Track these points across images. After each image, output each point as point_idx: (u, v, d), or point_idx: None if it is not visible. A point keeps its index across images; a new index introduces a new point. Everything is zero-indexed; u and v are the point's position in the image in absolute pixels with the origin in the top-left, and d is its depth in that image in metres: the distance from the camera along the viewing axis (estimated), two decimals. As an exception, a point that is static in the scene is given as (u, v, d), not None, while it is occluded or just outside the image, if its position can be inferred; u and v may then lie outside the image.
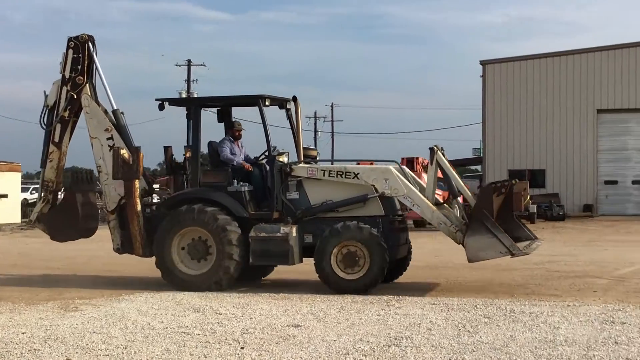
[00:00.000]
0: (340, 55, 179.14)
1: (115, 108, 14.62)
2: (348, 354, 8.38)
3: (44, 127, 14.60)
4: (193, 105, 14.25)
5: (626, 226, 32.87)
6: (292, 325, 10.06)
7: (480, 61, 44.53)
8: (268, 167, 13.97)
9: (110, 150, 14.25)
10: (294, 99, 14.23)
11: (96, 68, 14.62)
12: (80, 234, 14.91)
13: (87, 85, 14.53)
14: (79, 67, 14.48)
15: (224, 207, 13.58)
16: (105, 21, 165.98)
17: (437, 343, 8.91)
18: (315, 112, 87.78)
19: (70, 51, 14.50)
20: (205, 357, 8.34)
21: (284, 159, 13.77)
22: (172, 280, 13.65)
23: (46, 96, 14.64)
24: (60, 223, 14.69)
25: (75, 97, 14.47)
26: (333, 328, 9.89)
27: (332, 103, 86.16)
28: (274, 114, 14.52)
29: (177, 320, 10.56)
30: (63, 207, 14.79)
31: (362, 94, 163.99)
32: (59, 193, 15.05)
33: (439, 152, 13.54)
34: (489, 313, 10.90)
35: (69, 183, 15.21)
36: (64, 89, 14.51)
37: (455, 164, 14.23)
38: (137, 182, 13.91)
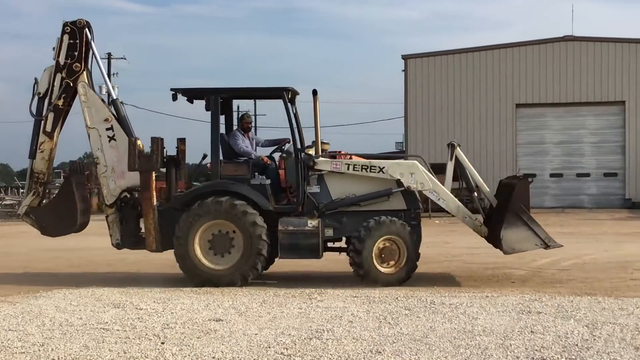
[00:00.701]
0: (261, 48, 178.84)
1: (115, 97, 14.16)
2: (269, 348, 8.38)
3: (35, 116, 13.84)
4: (213, 96, 13.65)
5: (544, 218, 33.46)
6: (214, 320, 10.02)
7: (402, 55, 44.87)
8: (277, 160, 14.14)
9: (110, 141, 13.74)
10: (314, 92, 13.86)
11: (94, 55, 14.02)
12: (76, 228, 14.27)
13: (84, 72, 13.88)
14: (76, 53, 13.79)
15: (251, 200, 13.34)
16: (20, 12, 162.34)
17: (358, 335, 8.97)
18: (237, 107, 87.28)
19: (66, 36, 13.78)
20: (125, 352, 8.24)
21: (312, 152, 13.80)
22: (194, 275, 13.25)
23: (37, 83, 13.89)
24: (55, 216, 14.02)
25: (71, 84, 13.80)
26: (255, 322, 9.88)
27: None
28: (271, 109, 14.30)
29: (97, 316, 10.40)
30: (60, 200, 14.17)
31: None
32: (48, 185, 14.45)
33: (458, 147, 14.01)
34: (410, 305, 11.02)
35: (67, 174, 14.62)
36: (58, 75, 13.79)
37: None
38: (154, 174, 13.47)
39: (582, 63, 42.74)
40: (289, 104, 13.61)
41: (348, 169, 13.64)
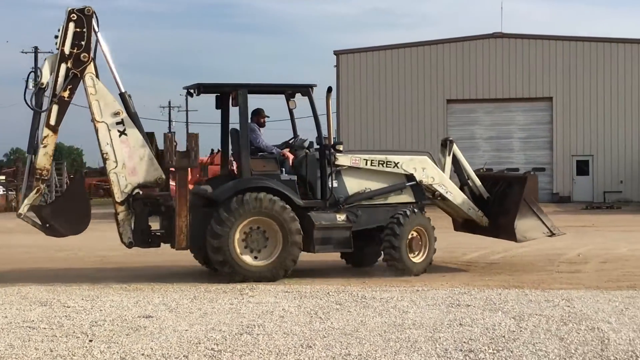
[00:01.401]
0: (196, 44, 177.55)
1: (123, 91, 13.47)
2: (200, 343, 8.33)
3: (36, 108, 12.95)
4: (242, 91, 13.53)
5: (474, 213, 34.01)
6: (143, 316, 9.91)
7: (334, 51, 45.01)
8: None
9: (120, 135, 13.13)
10: (329, 90, 14.07)
11: (100, 46, 13.28)
12: (84, 227, 13.45)
13: (92, 63, 13.16)
14: (83, 42, 13.04)
15: (284, 196, 13.28)
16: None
17: (289, 330, 8.97)
18: (169, 102, 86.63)
19: (72, 24, 13.01)
20: (52, 351, 8.09)
21: (340, 148, 13.96)
22: (234, 272, 12.98)
23: (39, 73, 13.05)
24: (66, 215, 13.12)
25: (78, 75, 13.05)
26: (185, 318, 9.80)
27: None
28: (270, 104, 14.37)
29: (22, 314, 10.20)
30: (72, 198, 13.38)
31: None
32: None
33: (454, 144, 15.04)
34: (341, 299, 11.06)
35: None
36: (63, 66, 12.98)
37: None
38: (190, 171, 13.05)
39: (511, 60, 43.45)
40: (314, 100, 13.82)
41: (366, 164, 14.12)
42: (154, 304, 10.84)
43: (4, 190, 48.67)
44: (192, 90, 13.94)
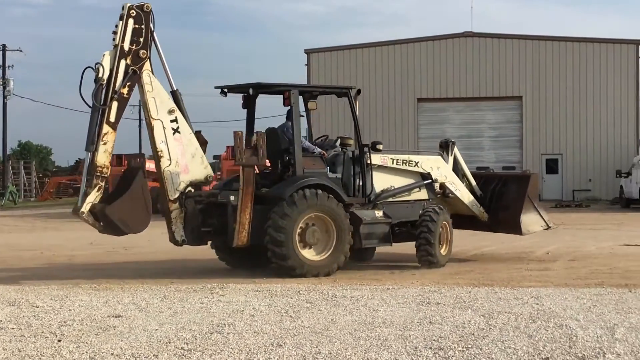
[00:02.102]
0: (165, 42, 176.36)
1: (175, 88, 13.48)
2: (170, 343, 8.29)
3: (98, 104, 12.69)
4: (293, 91, 13.83)
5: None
6: (113, 316, 9.85)
7: (305, 50, 45.02)
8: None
9: (174, 133, 13.15)
10: (358, 91, 14.70)
11: (154, 43, 13.26)
12: (145, 226, 13.14)
13: (148, 60, 13.12)
14: (141, 39, 13.00)
15: (335, 193, 13.66)
16: None
17: (260, 329, 8.96)
18: (139, 101, 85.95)
19: (131, 20, 12.94)
20: (20, 351, 8.02)
21: (381, 147, 14.49)
22: (293, 267, 13.16)
23: (101, 69, 12.77)
24: (131, 212, 12.84)
25: (136, 72, 12.98)
26: (155, 317, 9.76)
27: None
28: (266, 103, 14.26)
29: (-10, 314, 10.10)
30: (136, 193, 12.93)
31: (186, 83, 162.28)
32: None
33: (455, 145, 16.06)
34: (312, 298, 11.06)
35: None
36: (123, 62, 12.88)
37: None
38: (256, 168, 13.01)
39: (481, 59, 43.68)
40: (353, 102, 14.37)
41: (392, 163, 14.91)
42: (123, 304, 10.78)
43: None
44: (225, 90, 14.21)
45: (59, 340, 8.49)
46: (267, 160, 14.12)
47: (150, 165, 28.73)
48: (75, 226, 29.34)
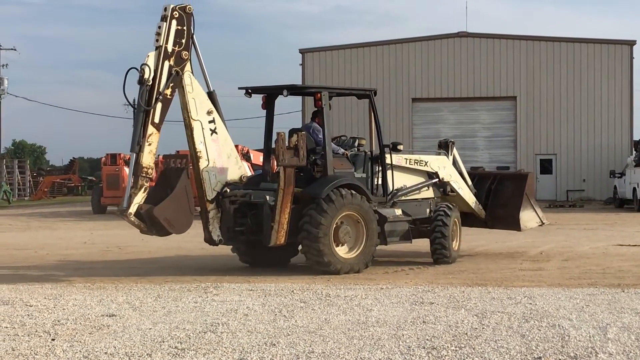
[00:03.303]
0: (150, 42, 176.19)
1: (212, 90, 13.62)
2: (163, 342, 8.30)
3: (145, 106, 12.77)
4: (324, 93, 14.07)
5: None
6: (107, 315, 9.86)
7: (300, 49, 45.06)
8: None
9: (212, 134, 13.33)
10: (375, 93, 15.22)
11: (194, 44, 13.37)
12: (188, 227, 13.20)
13: (189, 62, 13.24)
14: (183, 41, 13.11)
15: (364, 192, 14.01)
16: None
17: (253, 328, 8.97)
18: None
19: (174, 22, 13.05)
20: (14, 350, 8.03)
21: (401, 147, 14.86)
22: (328, 264, 13.39)
23: (147, 70, 12.80)
24: (176, 212, 12.87)
25: (179, 73, 13.07)
26: (149, 316, 9.76)
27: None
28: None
29: (-16, 313, 10.10)
30: (181, 193, 12.96)
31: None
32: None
33: (454, 145, 16.60)
34: (305, 298, 11.08)
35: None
36: (166, 63, 12.96)
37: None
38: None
39: (476, 59, 43.74)
40: (374, 104, 14.85)
41: (405, 162, 15.31)
42: (117, 303, 10.78)
43: None
44: (249, 90, 14.33)
45: (53, 339, 8.49)
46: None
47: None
48: (70, 225, 29.34)
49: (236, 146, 32.33)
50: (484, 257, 16.45)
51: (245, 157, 30.02)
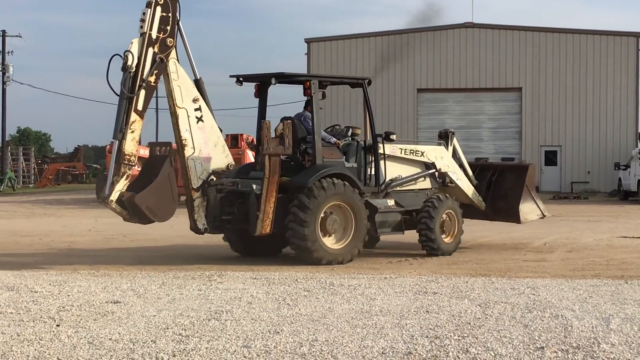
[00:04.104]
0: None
1: (198, 77, 13.54)
2: (167, 329, 8.34)
3: (127, 93, 12.63)
4: (313, 81, 13.96)
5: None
6: (111, 302, 9.90)
7: (305, 39, 44.99)
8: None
9: (197, 122, 13.22)
10: (369, 82, 14.97)
11: (180, 31, 13.28)
12: (171, 214, 13.12)
13: (174, 49, 13.14)
14: (168, 27, 13.01)
15: (354, 182, 13.86)
16: None
17: (257, 316, 9.01)
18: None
19: (159, 8, 12.95)
20: (18, 335, 8.07)
21: (394, 137, 14.68)
22: (314, 255, 13.29)
23: (129, 57, 12.69)
24: (158, 199, 12.76)
25: (163, 60, 12.98)
26: (153, 304, 9.81)
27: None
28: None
29: (-11, 299, 10.15)
30: (164, 181, 12.87)
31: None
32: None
33: (454, 135, 16.33)
34: (309, 286, 11.11)
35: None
36: (150, 50, 12.86)
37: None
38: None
39: (482, 50, 43.64)
40: (367, 92, 14.59)
41: (401, 152, 15.12)
42: (122, 290, 10.83)
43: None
44: (241, 79, 14.29)
45: (58, 325, 8.54)
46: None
47: None
48: (74, 213, 29.39)
49: (241, 135, 32.17)
50: (487, 247, 16.47)
51: (251, 146, 29.99)
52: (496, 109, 44.11)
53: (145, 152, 18.35)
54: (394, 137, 14.73)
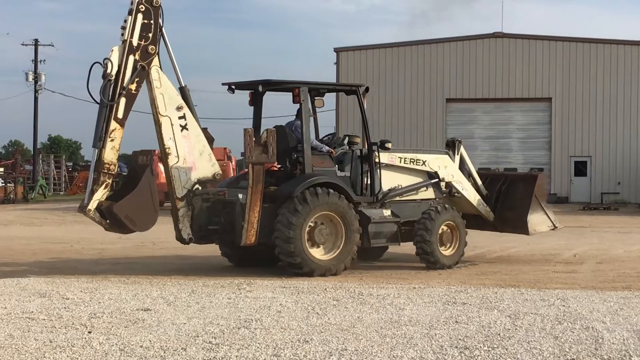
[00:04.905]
0: (195, 39, 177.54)
1: (183, 85, 13.39)
2: (197, 337, 8.40)
3: (107, 101, 12.50)
4: (302, 88, 13.67)
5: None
6: (142, 309, 9.98)
7: (335, 48, 45.01)
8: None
9: (182, 130, 13.02)
10: (367, 89, 14.64)
11: (163, 39, 13.12)
12: (152, 224, 12.95)
13: (157, 56, 12.99)
14: (150, 34, 12.84)
15: (344, 191, 13.58)
16: None
17: (286, 325, 9.04)
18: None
19: (140, 15, 12.77)
20: (51, 342, 8.16)
21: (390, 146, 14.39)
22: (302, 263, 13.03)
23: (109, 64, 12.59)
24: (139, 209, 12.61)
25: (145, 68, 12.83)
26: (183, 311, 9.87)
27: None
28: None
29: (22, 305, 10.27)
30: (144, 190, 12.69)
31: (215, 78, 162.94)
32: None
33: (461, 144, 15.90)
34: (338, 296, 11.12)
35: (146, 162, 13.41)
36: (131, 57, 12.71)
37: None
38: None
39: (511, 59, 43.45)
40: (362, 100, 14.22)
41: (400, 161, 14.74)
42: (152, 297, 10.90)
43: (2, 182, 48.62)
44: (233, 86, 14.14)
45: (89, 332, 8.62)
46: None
47: None
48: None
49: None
50: (516, 258, 16.39)
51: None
52: (525, 119, 43.86)
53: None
54: (389, 145, 14.37)
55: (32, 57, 60.62)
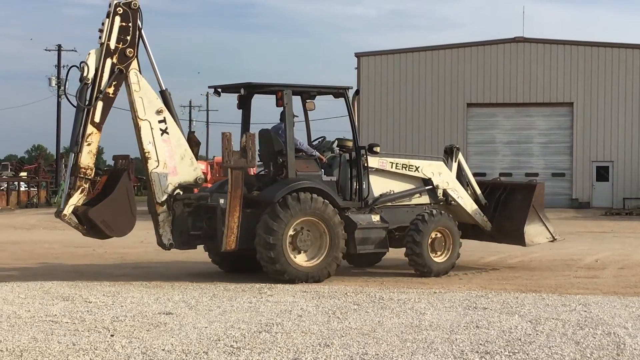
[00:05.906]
0: (214, 43, 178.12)
1: (164, 88, 13.15)
2: (219, 340, 8.45)
3: (84, 105, 12.42)
4: (286, 91, 13.46)
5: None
6: (164, 313, 10.05)
7: (355, 53, 45.05)
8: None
9: (162, 134, 12.80)
10: (357, 92, 14.42)
11: (142, 41, 12.95)
12: (129, 229, 12.88)
13: (136, 59, 12.80)
14: (128, 37, 12.66)
15: (329, 196, 13.33)
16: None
17: (307, 329, 9.07)
18: (190, 101, 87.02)
19: (118, 18, 12.59)
20: (74, 345, 8.24)
21: (378, 150, 14.34)
22: (283, 270, 12.78)
23: (85, 68, 12.47)
24: (115, 214, 12.52)
25: (123, 71, 12.67)
26: (205, 315, 9.93)
27: (208, 92, 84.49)
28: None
29: (45, 308, 10.37)
30: (120, 196, 12.61)
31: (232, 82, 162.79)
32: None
33: (459, 151, 15.53)
34: (359, 300, 11.15)
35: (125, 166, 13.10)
36: (109, 61, 12.53)
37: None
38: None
39: (532, 64, 43.32)
40: (349, 102, 14.11)
41: (391, 167, 14.52)
42: (174, 301, 10.97)
43: (25, 187, 49.02)
44: (219, 89, 14.01)
45: (112, 335, 8.69)
46: (262, 163, 14.04)
47: None
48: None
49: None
50: (537, 263, 16.35)
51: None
52: (547, 124, 43.71)
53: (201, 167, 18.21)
54: (377, 149, 14.23)
55: (55, 63, 61.12)
